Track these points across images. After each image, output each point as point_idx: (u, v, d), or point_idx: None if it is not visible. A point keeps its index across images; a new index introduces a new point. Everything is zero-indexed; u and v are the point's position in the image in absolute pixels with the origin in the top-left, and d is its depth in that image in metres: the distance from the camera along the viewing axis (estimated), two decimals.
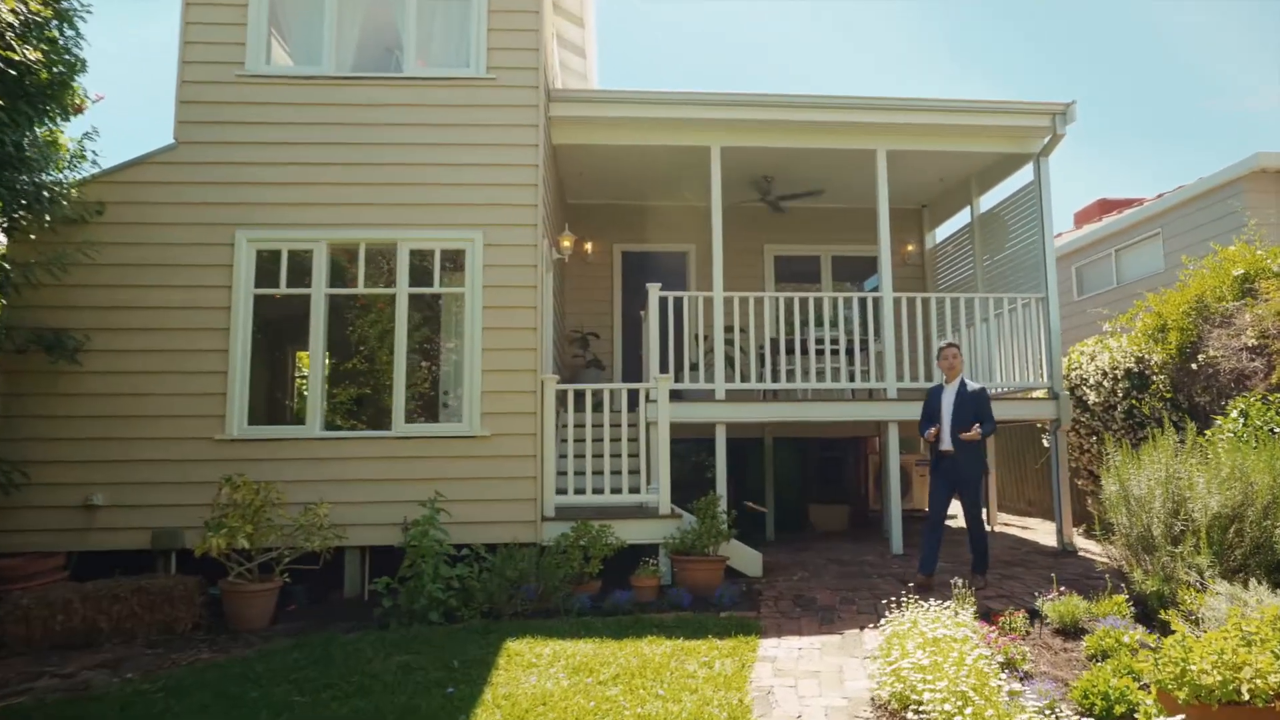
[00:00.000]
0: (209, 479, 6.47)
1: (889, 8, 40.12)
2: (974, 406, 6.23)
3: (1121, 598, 5.31)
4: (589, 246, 11.20)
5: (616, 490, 7.18)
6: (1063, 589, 5.40)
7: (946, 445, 6.26)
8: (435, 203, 7.14)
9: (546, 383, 6.97)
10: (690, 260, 11.38)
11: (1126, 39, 40.64)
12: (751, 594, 6.41)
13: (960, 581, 5.44)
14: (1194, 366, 7.49)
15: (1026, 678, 4.22)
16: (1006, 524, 10.44)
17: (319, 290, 7.00)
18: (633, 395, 7.95)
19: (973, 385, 6.33)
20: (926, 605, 4.91)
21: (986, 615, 5.39)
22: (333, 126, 7.19)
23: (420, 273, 7.26)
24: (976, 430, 6.18)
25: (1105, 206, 16.51)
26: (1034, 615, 5.39)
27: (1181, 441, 5.61)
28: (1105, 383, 8.86)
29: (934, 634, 4.23)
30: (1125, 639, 4.53)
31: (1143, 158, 45.57)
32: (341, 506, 6.67)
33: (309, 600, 6.64)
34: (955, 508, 12.70)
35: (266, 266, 7.07)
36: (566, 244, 8.73)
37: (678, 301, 8.50)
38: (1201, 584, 4.68)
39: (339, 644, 5.24)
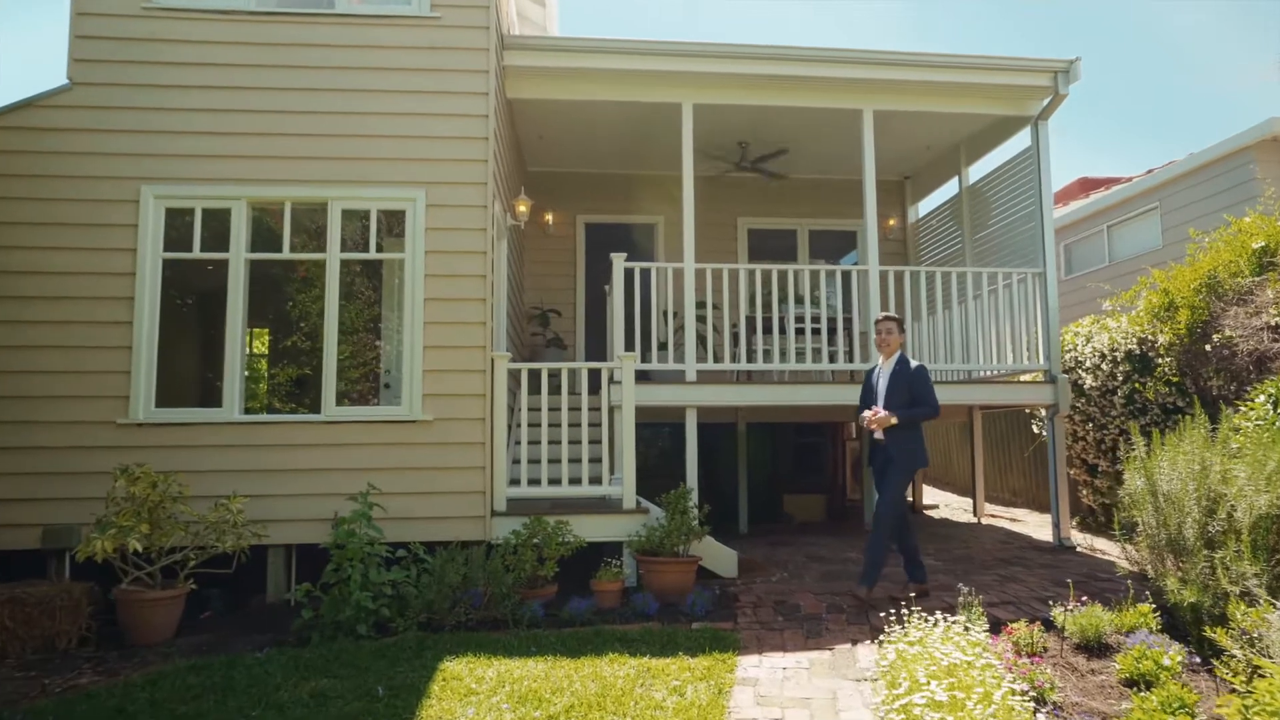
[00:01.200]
0: (109, 469, 5.60)
1: (887, 7, 39.65)
2: (910, 386, 5.40)
3: (1146, 607, 4.69)
4: (550, 217, 10.39)
5: (576, 481, 6.44)
6: (1084, 598, 4.78)
7: (879, 432, 5.47)
8: (371, 157, 6.29)
9: (497, 361, 6.19)
10: (659, 232, 10.62)
11: (1106, 24, 40.47)
12: (726, 599, 5.72)
13: (966, 589, 4.79)
14: (1207, 348, 6.92)
15: (1057, 710, 3.58)
16: (994, 515, 9.90)
17: (238, 254, 6.13)
18: (595, 376, 7.20)
19: (910, 363, 5.48)
20: (931, 618, 4.25)
21: (995, 626, 4.76)
22: (254, 69, 6.29)
23: (355, 236, 6.42)
24: (886, 414, 5.31)
25: (1086, 185, 16.05)
26: (1048, 626, 4.77)
27: (1214, 430, 5.00)
28: (1104, 366, 8.30)
29: (948, 659, 3.56)
30: (1166, 661, 3.90)
31: (1117, 142, 45.63)
32: (264, 500, 5.86)
33: (226, 606, 5.83)
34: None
35: (179, 227, 6.18)
36: (523, 209, 7.92)
37: (645, 274, 7.76)
38: (1250, 595, 4.07)
39: (245, 665, 4.44)
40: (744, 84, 7.66)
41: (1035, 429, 9.63)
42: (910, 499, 10.65)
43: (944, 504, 11.38)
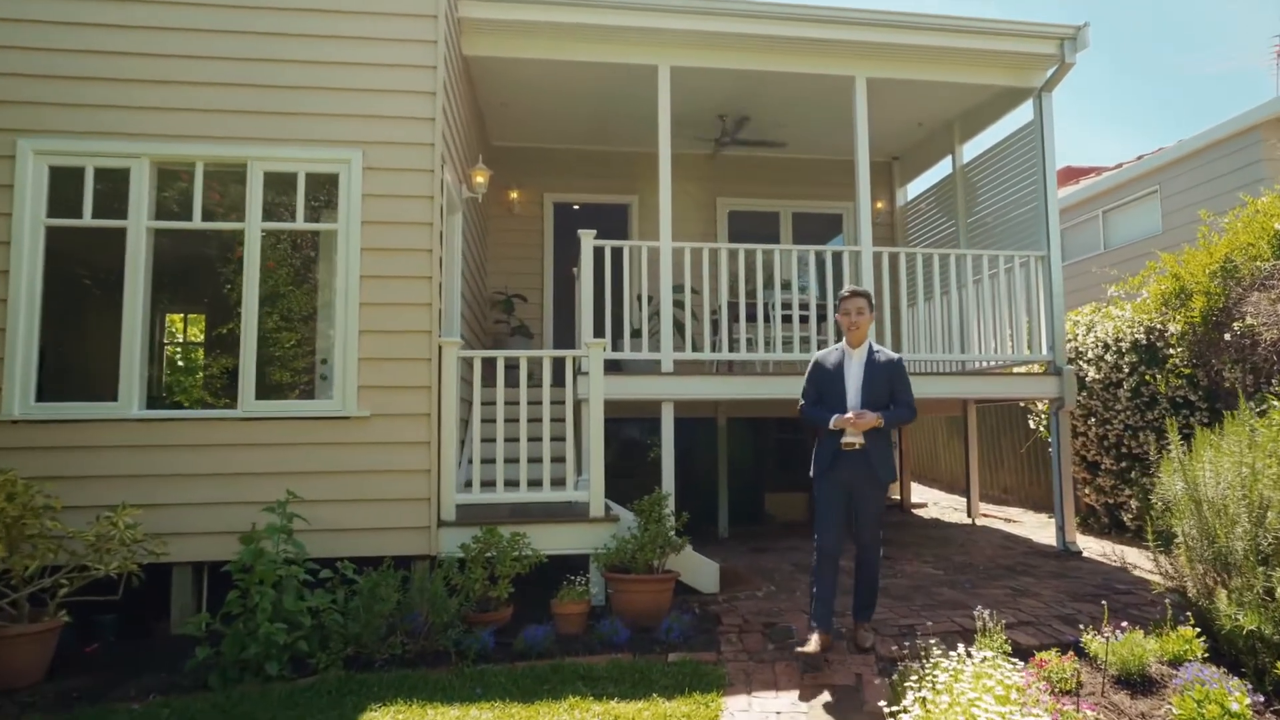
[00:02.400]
0: None
1: None
2: (890, 383, 4.35)
3: (1190, 631, 4.07)
4: (515, 195, 9.59)
5: (536, 484, 5.67)
6: (1122, 624, 4.13)
7: (852, 437, 4.23)
8: (299, 111, 5.44)
9: (446, 348, 5.40)
10: (633, 213, 9.87)
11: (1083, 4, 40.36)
12: (708, 621, 4.99)
13: (987, 614, 4.12)
14: (1226, 337, 6.34)
15: None
16: (986, 515, 9.30)
17: (139, 222, 5.24)
18: (559, 366, 6.45)
19: (885, 353, 4.41)
20: (957, 653, 3.57)
21: (1019, 653, 4.10)
22: (159, 6, 5.39)
23: (281, 204, 5.57)
24: (875, 416, 4.22)
25: (1071, 174, 15.59)
26: (1079, 653, 4.12)
27: (1251, 428, 4.37)
28: (1107, 357, 7.72)
29: (987, 712, 2.87)
30: (1233, 705, 3.25)
31: (1097, 131, 45.70)
32: (169, 510, 5.02)
33: (121, 637, 4.97)
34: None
35: (68, 190, 5.28)
36: (480, 179, 7.10)
37: (617, 254, 7.00)
38: None
39: None
40: (726, 44, 6.91)
41: (1032, 424, 9.05)
42: (897, 497, 10.04)
43: (931, 502, 10.79)
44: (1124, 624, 4.08)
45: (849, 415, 4.22)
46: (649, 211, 9.48)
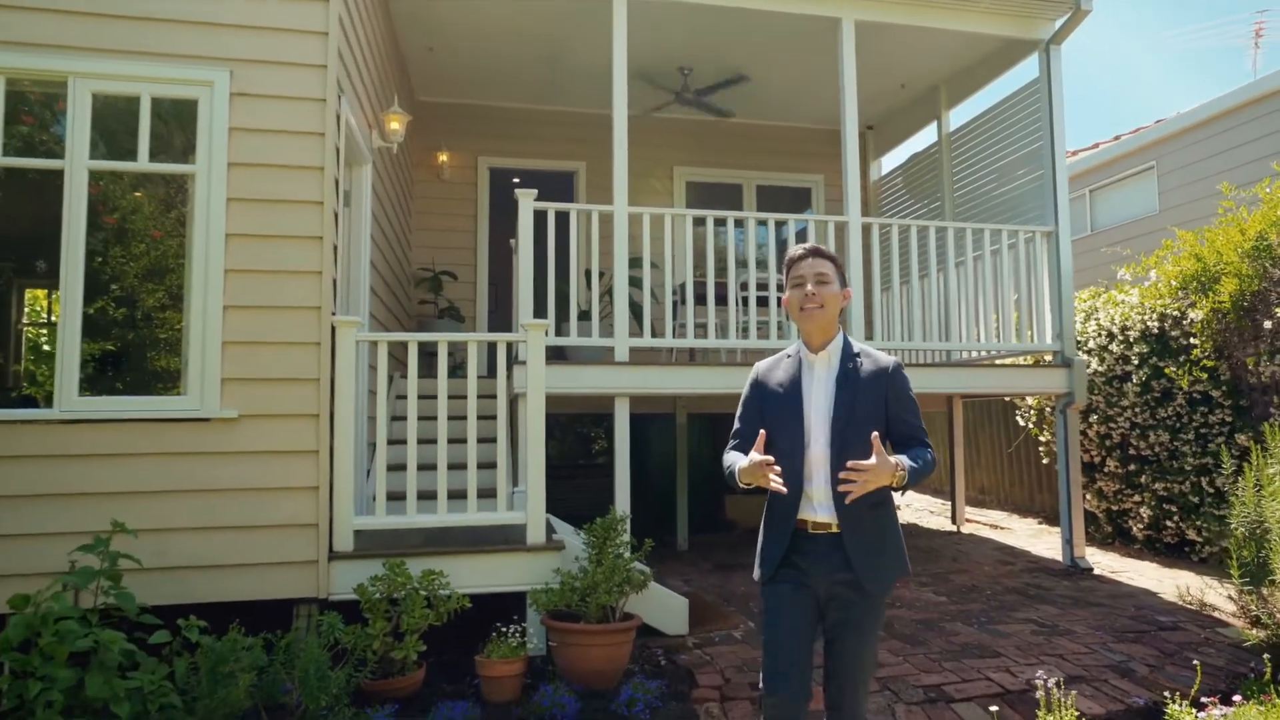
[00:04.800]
0: None
1: None
2: (888, 408, 2.36)
3: None
4: (444, 159, 8.33)
5: (459, 497, 4.48)
6: (1236, 698, 3.19)
7: (823, 512, 2.33)
8: (143, 15, 4.12)
9: (341, 329, 4.17)
10: (579, 181, 8.72)
11: None
12: (679, 679, 3.91)
13: (1052, 682, 3.14)
14: (1267, 325, 5.54)
15: None
16: (969, 519, 8.46)
17: None
18: (492, 353, 5.28)
19: (872, 356, 2.43)
20: None
21: None
22: None
23: (118, 135, 4.25)
24: (891, 461, 2.19)
25: None
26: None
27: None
28: (1112, 347, 6.91)
29: None
30: None
31: (1074, 106, 45.75)
32: None
33: None
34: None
35: None
36: (396, 125, 5.84)
37: (562, 219, 5.85)
38: None
39: None
40: None
41: (1020, 420, 8.23)
42: None
43: (904, 503, 9.95)
44: (1237, 698, 3.15)
45: (757, 456, 2.28)
46: (598, 179, 8.34)
